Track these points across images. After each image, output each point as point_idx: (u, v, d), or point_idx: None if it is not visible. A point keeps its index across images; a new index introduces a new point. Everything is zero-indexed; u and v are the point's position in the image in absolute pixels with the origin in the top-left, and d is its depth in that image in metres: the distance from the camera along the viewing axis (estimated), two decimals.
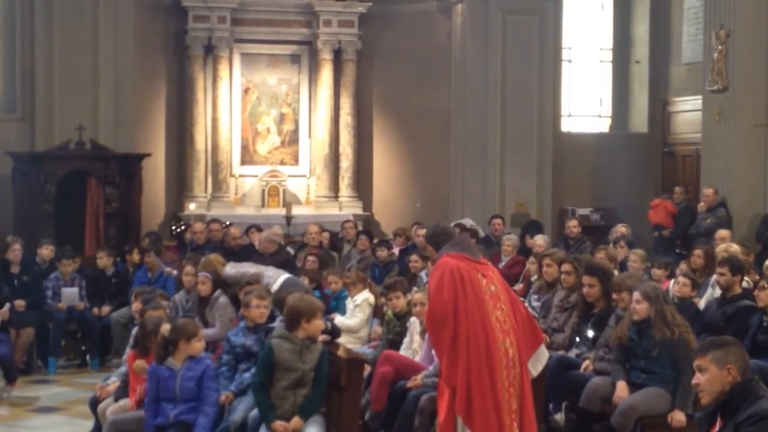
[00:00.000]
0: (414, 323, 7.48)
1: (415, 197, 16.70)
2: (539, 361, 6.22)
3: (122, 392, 7.04)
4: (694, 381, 4.40)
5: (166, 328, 6.65)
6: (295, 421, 6.21)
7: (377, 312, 8.59)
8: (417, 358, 7.24)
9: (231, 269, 8.19)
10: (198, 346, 6.50)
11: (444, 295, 5.73)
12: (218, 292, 8.15)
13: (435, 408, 6.38)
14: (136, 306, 7.87)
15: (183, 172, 16.19)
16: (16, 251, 10.49)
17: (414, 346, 7.38)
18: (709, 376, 4.32)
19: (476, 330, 5.71)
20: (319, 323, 6.46)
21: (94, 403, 7.35)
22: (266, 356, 6.28)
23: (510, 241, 11.61)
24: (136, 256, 11.31)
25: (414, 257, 10.12)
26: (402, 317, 7.73)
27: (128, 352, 7.27)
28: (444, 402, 5.81)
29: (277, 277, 7.99)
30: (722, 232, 11.06)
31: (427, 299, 6.55)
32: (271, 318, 7.20)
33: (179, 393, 6.36)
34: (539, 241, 11.26)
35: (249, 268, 8.15)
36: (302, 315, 6.33)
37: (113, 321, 10.43)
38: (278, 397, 6.26)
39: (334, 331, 7.24)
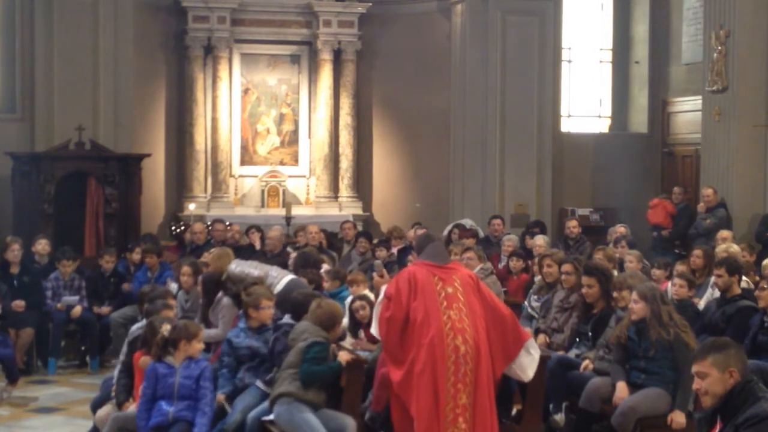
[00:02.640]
0: None
1: (415, 197, 16.70)
2: (527, 366, 6.31)
3: (123, 392, 7.04)
4: (694, 386, 4.35)
5: (166, 327, 6.66)
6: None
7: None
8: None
9: (236, 267, 8.20)
10: (198, 347, 6.53)
11: (401, 298, 6.17)
12: (221, 293, 8.18)
13: None
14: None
15: (183, 173, 16.18)
16: (15, 251, 10.49)
17: None
18: (711, 380, 4.27)
19: (421, 325, 6.08)
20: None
21: (96, 406, 7.37)
22: (325, 352, 6.48)
23: (510, 241, 11.61)
24: (136, 256, 11.32)
25: (411, 257, 10.13)
26: None
27: (124, 350, 7.26)
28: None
29: (281, 278, 8.01)
30: (724, 233, 11.07)
31: None
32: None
33: (177, 390, 6.38)
34: (539, 241, 11.26)
35: (253, 269, 8.16)
36: (337, 320, 6.69)
37: (113, 321, 10.44)
38: (318, 391, 6.41)
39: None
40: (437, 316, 6.10)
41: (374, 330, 6.46)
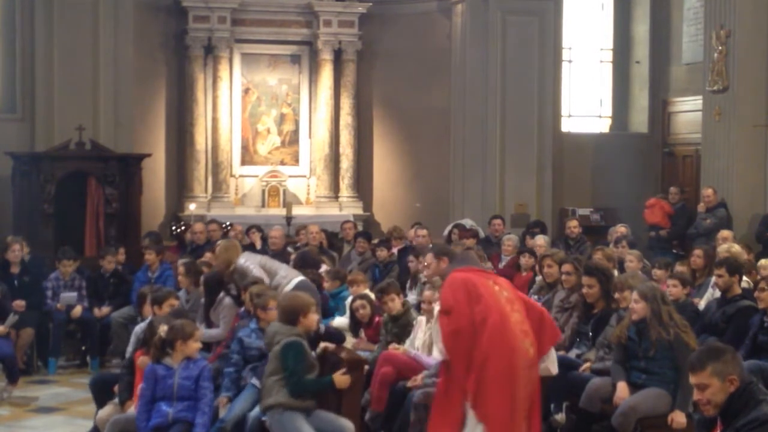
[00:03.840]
0: (421, 321, 7.47)
1: (415, 197, 16.70)
2: (555, 358, 6.32)
3: (126, 390, 7.05)
4: (695, 397, 4.29)
5: (163, 328, 6.67)
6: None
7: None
8: (424, 356, 7.23)
9: (245, 261, 8.16)
10: (195, 347, 6.53)
11: (462, 307, 5.84)
12: (222, 293, 8.20)
13: (429, 402, 6.52)
14: (147, 309, 7.79)
15: (183, 173, 16.18)
16: (15, 252, 10.49)
17: (417, 344, 7.36)
18: (713, 391, 4.22)
19: (496, 332, 5.80)
20: (314, 317, 6.65)
21: (95, 384, 7.46)
22: (302, 352, 6.36)
23: (510, 241, 11.60)
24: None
25: (411, 257, 10.12)
26: (398, 318, 7.73)
27: (129, 351, 7.28)
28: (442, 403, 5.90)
29: (290, 279, 8.01)
30: (724, 233, 11.07)
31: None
32: None
33: (177, 391, 6.38)
34: (539, 241, 11.26)
35: (260, 266, 8.15)
36: (301, 310, 6.49)
37: (113, 321, 10.43)
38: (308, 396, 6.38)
39: (339, 337, 7.24)
40: (508, 318, 5.89)
41: (437, 353, 6.11)
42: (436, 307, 6.10)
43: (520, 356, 5.84)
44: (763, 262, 9.31)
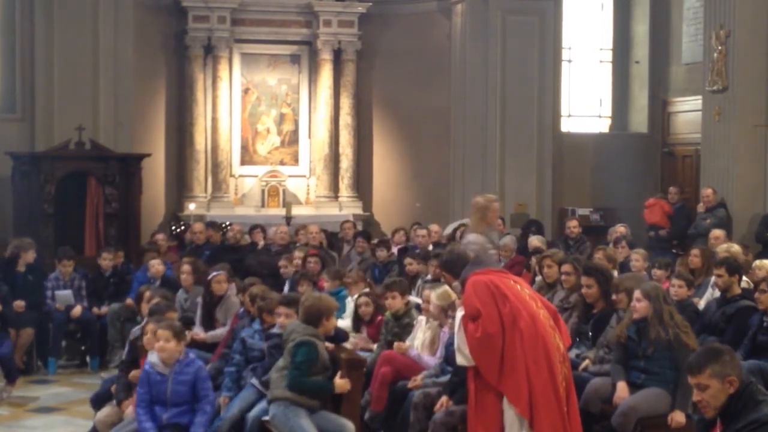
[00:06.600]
0: (421, 321, 7.47)
1: (415, 197, 16.70)
2: None
3: (122, 391, 7.04)
4: (695, 398, 4.28)
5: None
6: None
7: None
8: (425, 356, 7.23)
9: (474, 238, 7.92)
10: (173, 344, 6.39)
11: (491, 311, 5.78)
12: (228, 290, 8.21)
13: (428, 403, 6.57)
14: (144, 307, 7.79)
15: (183, 173, 16.19)
16: (29, 258, 10.48)
17: (416, 343, 7.36)
18: (713, 392, 4.21)
19: (530, 331, 5.77)
20: (335, 321, 6.70)
21: (96, 400, 7.39)
22: (314, 352, 6.34)
23: (506, 246, 11.49)
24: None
25: (408, 259, 10.09)
26: (399, 317, 7.72)
27: (125, 352, 7.26)
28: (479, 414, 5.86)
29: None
30: (716, 232, 11.07)
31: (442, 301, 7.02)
32: None
33: (170, 397, 6.30)
34: (534, 242, 11.25)
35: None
36: (324, 313, 6.50)
37: (111, 311, 10.39)
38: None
39: (341, 336, 7.24)
40: (538, 316, 5.85)
41: (462, 360, 5.90)
42: (459, 313, 5.96)
43: (555, 352, 5.85)
44: (758, 263, 9.27)
